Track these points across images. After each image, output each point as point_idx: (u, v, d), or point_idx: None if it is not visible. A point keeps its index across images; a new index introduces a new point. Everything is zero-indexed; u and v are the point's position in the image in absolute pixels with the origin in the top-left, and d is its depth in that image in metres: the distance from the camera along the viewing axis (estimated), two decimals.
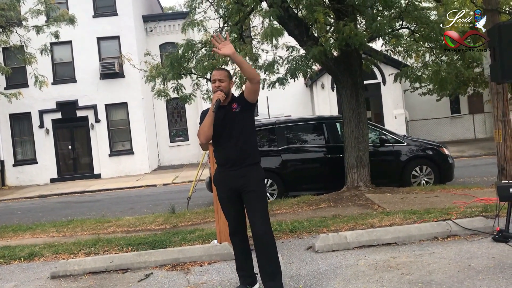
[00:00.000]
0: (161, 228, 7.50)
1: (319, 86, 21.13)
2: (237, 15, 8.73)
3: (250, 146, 3.99)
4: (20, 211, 13.28)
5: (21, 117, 21.53)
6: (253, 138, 4.07)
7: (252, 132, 4.05)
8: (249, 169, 3.93)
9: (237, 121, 3.94)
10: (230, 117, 3.94)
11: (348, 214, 6.98)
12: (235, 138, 3.93)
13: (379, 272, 4.38)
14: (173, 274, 4.91)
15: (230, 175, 3.95)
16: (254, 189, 3.91)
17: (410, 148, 9.94)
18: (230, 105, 3.97)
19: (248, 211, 3.93)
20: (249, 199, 3.90)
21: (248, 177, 3.91)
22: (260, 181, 4.00)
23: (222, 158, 4.03)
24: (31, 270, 5.54)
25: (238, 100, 3.99)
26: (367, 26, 8.65)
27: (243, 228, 4.10)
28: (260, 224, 3.85)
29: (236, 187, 3.93)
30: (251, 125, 4.05)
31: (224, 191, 4.04)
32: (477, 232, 5.28)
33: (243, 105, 3.95)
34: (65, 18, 13.97)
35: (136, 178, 19.94)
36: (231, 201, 4.00)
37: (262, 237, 3.85)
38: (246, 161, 3.93)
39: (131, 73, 20.20)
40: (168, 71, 9.13)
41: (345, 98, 9.12)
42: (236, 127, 3.94)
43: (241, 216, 4.05)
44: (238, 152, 3.91)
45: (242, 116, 3.95)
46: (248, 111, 3.99)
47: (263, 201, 3.93)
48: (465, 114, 22.98)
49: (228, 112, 3.94)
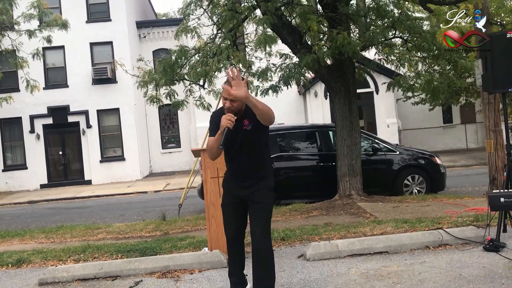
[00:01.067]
0: (151, 235, 7.44)
1: (312, 94, 21.19)
2: (231, 22, 8.73)
3: (262, 160, 3.85)
4: (8, 217, 13.12)
5: (12, 122, 21.34)
6: (265, 153, 3.88)
7: (264, 147, 3.84)
8: (258, 181, 3.82)
9: (248, 139, 3.72)
10: (241, 134, 3.68)
11: (340, 222, 6.96)
12: (246, 154, 3.76)
13: (371, 281, 4.35)
14: (163, 281, 4.85)
15: (238, 185, 3.86)
16: (260, 200, 3.79)
17: (402, 157, 9.96)
18: (241, 120, 3.65)
19: (251, 221, 3.82)
20: (253, 210, 3.80)
21: (257, 187, 3.80)
22: (268, 192, 3.84)
23: (232, 169, 3.92)
24: (19, 277, 5.46)
25: (250, 116, 3.63)
26: (360, 35, 8.69)
27: (242, 235, 4.03)
28: (261, 236, 3.74)
29: (242, 196, 3.84)
30: (264, 140, 3.84)
31: (229, 197, 3.94)
32: (468, 241, 5.28)
33: (255, 123, 3.62)
34: (58, 23, 13.94)
35: (127, 184, 19.81)
36: (234, 208, 3.90)
37: (262, 249, 3.75)
38: (256, 174, 3.83)
39: (124, 78, 20.11)
40: (160, 77, 9.10)
41: (338, 106, 9.14)
42: (246, 144, 3.73)
43: (242, 225, 3.96)
44: (248, 167, 3.80)
45: (254, 133, 3.70)
46: (262, 130, 3.71)
47: (267, 213, 3.82)
48: (457, 124, 23.13)
49: (239, 129, 3.64)
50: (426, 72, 9.99)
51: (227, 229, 3.99)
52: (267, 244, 3.79)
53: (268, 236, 3.83)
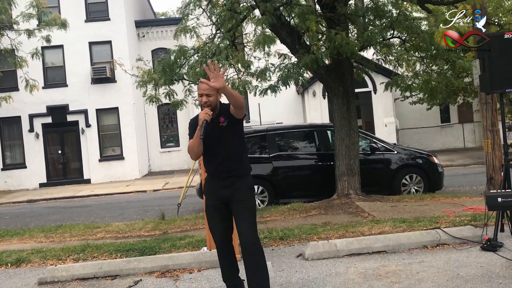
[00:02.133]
0: (150, 234, 7.46)
1: (311, 93, 21.22)
2: (229, 22, 8.76)
3: (240, 158, 3.96)
4: (8, 216, 13.13)
5: (11, 121, 21.35)
6: (242, 149, 4.01)
7: (241, 143, 4.00)
8: (238, 179, 3.91)
9: (225, 136, 3.88)
10: (218, 132, 3.86)
11: (338, 222, 6.99)
12: (224, 151, 3.89)
13: (369, 280, 4.39)
14: (162, 281, 4.88)
15: (219, 185, 3.93)
16: (242, 198, 3.88)
17: (400, 157, 10.00)
18: (218, 118, 3.86)
19: (236, 221, 3.90)
20: (237, 208, 3.87)
21: (237, 187, 3.89)
22: (248, 190, 3.96)
23: (211, 169, 4.01)
24: (18, 276, 5.48)
25: (225, 113, 3.88)
26: (359, 35, 8.72)
27: (229, 238, 4.07)
28: (248, 234, 3.81)
29: (224, 197, 3.91)
30: (240, 136, 3.99)
31: (212, 200, 4.02)
32: (466, 241, 5.32)
33: (230, 119, 3.86)
34: (57, 22, 13.93)
35: (126, 183, 19.83)
36: (218, 211, 3.97)
37: (250, 246, 3.82)
38: (235, 172, 3.91)
39: (123, 78, 20.13)
40: (160, 77, 9.13)
41: (336, 106, 9.16)
42: (224, 141, 3.88)
43: (228, 227, 4.02)
44: (227, 164, 3.89)
45: (230, 129, 3.89)
46: (236, 124, 3.91)
47: (251, 211, 3.90)
48: (455, 124, 23.18)
49: (216, 127, 3.85)
50: (424, 72, 10.02)
51: (214, 233, 4.04)
52: (255, 240, 3.85)
53: (255, 232, 3.90)
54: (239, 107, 3.75)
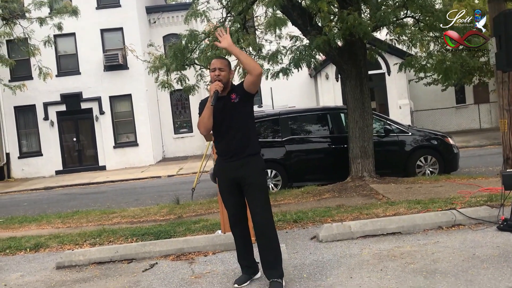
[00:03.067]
0: (165, 218, 7.53)
1: (323, 76, 21.05)
2: (240, 5, 8.69)
3: (250, 136, 3.97)
4: (25, 203, 13.36)
5: (26, 109, 21.57)
6: (252, 128, 4.03)
7: (251, 122, 4.02)
8: (249, 159, 3.92)
9: (236, 112, 3.90)
10: (229, 108, 3.90)
11: (352, 204, 6.98)
12: (235, 128, 3.90)
13: (383, 261, 4.38)
14: (177, 264, 4.93)
15: (230, 165, 3.94)
16: (254, 180, 3.89)
17: (414, 138, 9.90)
18: (229, 95, 3.92)
19: (249, 202, 3.93)
20: (249, 190, 3.89)
21: (248, 167, 3.90)
22: (260, 171, 3.98)
23: (222, 149, 4.02)
24: (37, 261, 5.58)
25: (237, 90, 3.93)
26: (371, 15, 8.58)
27: (244, 219, 4.10)
28: (261, 214, 3.84)
29: (236, 178, 3.92)
30: (251, 114, 4.02)
31: (224, 181, 4.04)
32: (482, 221, 5.27)
33: (242, 95, 3.90)
34: (68, 10, 13.93)
35: (141, 169, 19.99)
36: (231, 192, 4.00)
37: (263, 226, 3.85)
38: (245, 151, 3.91)
39: (135, 65, 20.19)
40: (171, 62, 9.12)
41: (350, 88, 9.08)
42: (235, 117, 3.90)
43: (241, 207, 4.04)
44: (237, 142, 3.90)
45: (241, 106, 3.91)
46: (247, 101, 3.95)
47: (263, 192, 3.92)
48: (470, 104, 22.85)
49: (227, 103, 3.90)
50: (438, 52, 9.86)
51: (228, 214, 4.09)
52: (268, 221, 3.88)
53: (269, 212, 3.92)
54: (253, 71, 3.74)
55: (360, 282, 3.93)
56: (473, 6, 7.33)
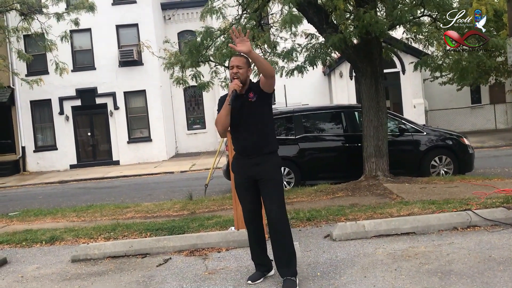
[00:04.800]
0: (179, 214, 7.56)
1: (337, 74, 20.97)
2: (256, 2, 8.68)
3: (268, 135, 3.97)
4: (41, 196, 13.52)
5: (42, 103, 21.81)
6: (270, 126, 4.03)
7: (269, 120, 4.02)
8: (266, 157, 3.93)
9: (254, 111, 3.91)
10: (247, 107, 3.90)
11: (366, 203, 6.95)
12: (252, 127, 3.91)
13: (398, 261, 4.36)
14: (191, 259, 4.96)
15: (247, 163, 3.95)
16: (271, 177, 3.90)
17: (429, 138, 9.82)
18: (247, 94, 3.92)
19: (264, 199, 3.93)
20: (265, 187, 3.90)
21: (265, 165, 3.90)
22: (276, 169, 3.99)
23: (239, 147, 4.03)
24: (53, 253, 5.65)
25: (254, 89, 3.92)
26: (388, 13, 8.52)
27: (259, 216, 4.10)
28: (276, 212, 3.85)
29: (252, 175, 3.93)
30: (269, 113, 4.02)
31: (240, 178, 4.06)
32: (498, 223, 5.21)
33: (259, 94, 3.90)
34: (84, 6, 14.06)
35: (154, 165, 20.11)
36: (247, 189, 4.01)
37: (277, 224, 3.86)
38: (263, 150, 3.92)
39: (150, 61, 20.30)
40: (186, 59, 9.14)
41: (364, 86, 9.03)
42: (253, 116, 3.91)
43: (257, 204, 4.05)
44: (255, 141, 3.90)
45: (259, 105, 3.92)
46: (265, 99, 3.94)
47: (279, 189, 3.93)
48: (486, 104, 22.59)
49: (245, 102, 3.90)
50: (454, 51, 9.76)
51: (243, 211, 4.11)
52: (282, 218, 3.88)
53: (283, 211, 3.92)
54: (268, 75, 3.77)
55: (374, 282, 3.92)
56: (493, 5, 7.23)
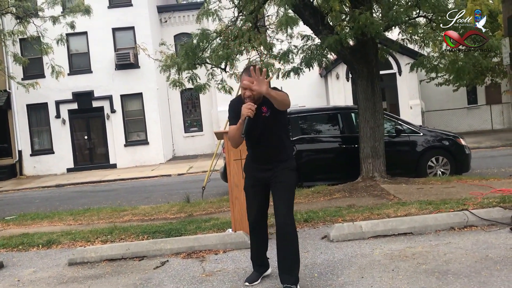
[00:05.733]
0: (176, 217, 7.55)
1: (334, 76, 21.00)
2: (252, 4, 8.69)
3: (282, 145, 3.88)
4: (37, 200, 13.48)
5: (38, 107, 21.77)
6: (285, 138, 3.94)
7: (284, 133, 3.92)
8: (280, 163, 3.87)
9: (268, 125, 3.79)
10: (261, 121, 3.76)
11: (363, 204, 6.95)
12: (266, 140, 3.82)
13: (395, 262, 4.36)
14: (188, 262, 4.95)
15: (260, 168, 3.90)
16: (283, 179, 3.82)
17: (426, 139, 9.84)
18: (260, 107, 3.75)
19: (275, 201, 3.85)
20: (276, 189, 3.82)
21: (279, 168, 3.84)
22: (290, 171, 3.88)
23: (253, 155, 3.97)
24: (49, 257, 5.63)
25: (268, 103, 3.71)
26: (384, 14, 8.55)
27: (264, 218, 4.06)
28: (285, 216, 3.76)
29: (264, 178, 3.88)
30: (283, 125, 3.92)
31: (251, 179, 3.98)
32: (495, 222, 5.22)
33: (273, 109, 3.72)
34: (80, 9, 14.04)
35: (151, 168, 20.08)
36: (257, 190, 3.94)
37: (286, 229, 3.76)
38: (277, 158, 3.87)
39: (146, 63, 20.29)
40: (183, 61, 9.14)
41: (361, 88, 9.05)
42: (266, 130, 3.80)
43: (264, 206, 4.00)
44: (269, 153, 3.86)
45: (273, 119, 3.79)
46: (280, 114, 3.79)
47: (290, 193, 3.84)
48: (482, 105, 22.66)
49: (259, 116, 3.73)
50: (450, 52, 9.78)
51: (250, 212, 4.03)
52: (292, 224, 3.80)
53: (292, 216, 3.85)
54: (283, 107, 3.70)
55: (371, 282, 3.92)
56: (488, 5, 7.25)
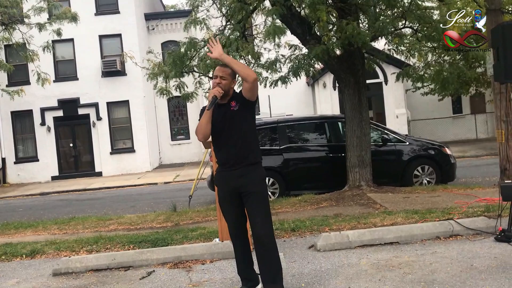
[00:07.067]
0: (162, 226, 7.50)
1: (321, 85, 21.12)
2: (240, 13, 8.72)
3: (251, 145, 3.90)
4: (21, 209, 13.29)
5: (23, 114, 21.53)
6: (253, 136, 3.96)
7: (252, 130, 3.95)
8: (250, 169, 3.84)
9: (236, 120, 3.83)
10: (229, 116, 3.83)
11: (350, 213, 6.97)
12: (235, 137, 3.83)
13: (381, 271, 4.37)
14: (175, 272, 4.91)
15: (230, 174, 3.86)
16: (255, 190, 3.82)
17: (412, 148, 9.93)
18: (229, 103, 3.86)
19: (249, 213, 3.84)
20: (249, 200, 3.81)
21: (249, 177, 3.82)
22: (260, 181, 3.91)
23: (222, 158, 3.95)
24: (33, 267, 5.54)
25: (237, 98, 3.87)
26: (370, 25, 8.64)
27: (244, 229, 4.02)
28: (261, 227, 3.76)
29: (236, 187, 3.84)
30: (252, 123, 3.95)
31: (224, 191, 3.95)
32: (480, 232, 5.28)
33: (241, 102, 3.84)
34: (67, 16, 13.93)
35: (137, 176, 19.94)
36: (231, 202, 3.91)
37: (262, 239, 3.77)
38: (246, 160, 3.84)
39: (133, 71, 20.19)
40: (170, 69, 9.13)
41: (347, 97, 9.11)
42: (235, 125, 3.83)
43: (242, 217, 3.95)
44: (238, 151, 3.83)
45: (241, 114, 3.85)
46: (248, 108, 3.87)
47: (264, 203, 3.84)
48: (467, 114, 22.95)
49: (227, 111, 3.84)
50: (436, 62, 9.92)
51: (228, 224, 4.01)
52: (268, 232, 3.80)
53: (269, 225, 3.84)
54: (248, 78, 3.69)
55: None
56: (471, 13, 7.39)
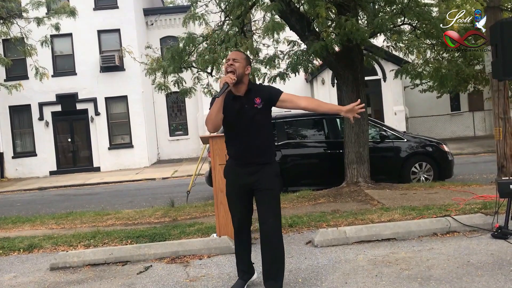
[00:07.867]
0: (160, 221, 7.51)
1: (320, 81, 21.12)
2: (238, 9, 8.70)
3: (266, 145, 3.77)
4: (19, 203, 13.29)
5: (21, 109, 21.50)
6: (270, 136, 3.85)
7: (269, 130, 3.83)
8: (263, 166, 3.73)
9: (257, 118, 3.68)
10: (250, 112, 3.66)
11: (348, 209, 6.99)
12: (252, 135, 3.68)
13: (378, 267, 4.39)
14: (172, 267, 4.92)
15: (244, 171, 3.74)
16: (268, 187, 3.71)
17: (410, 145, 9.94)
18: (253, 98, 3.68)
19: (260, 210, 3.75)
20: (261, 197, 3.72)
21: (261, 174, 3.71)
22: (273, 178, 3.76)
23: (236, 153, 3.79)
24: (31, 262, 5.55)
25: (262, 95, 3.70)
26: (369, 21, 8.62)
27: (248, 224, 3.97)
28: (271, 223, 3.69)
29: (247, 183, 3.75)
30: (269, 123, 3.85)
31: (234, 185, 3.83)
32: (476, 228, 5.30)
33: (266, 102, 3.69)
34: (66, 10, 13.89)
35: (135, 171, 19.94)
36: (239, 196, 3.82)
37: (272, 237, 3.70)
38: (260, 159, 3.73)
39: (131, 66, 20.18)
40: (169, 65, 9.10)
41: (346, 93, 9.11)
42: (254, 124, 3.68)
43: (248, 212, 3.90)
44: (255, 149, 3.70)
45: (264, 112, 3.72)
46: (269, 107, 3.75)
47: (276, 200, 3.76)
48: (465, 112, 23.00)
49: (250, 107, 3.67)
50: (434, 59, 9.91)
51: (234, 218, 3.94)
52: (278, 232, 3.74)
53: (279, 224, 3.78)
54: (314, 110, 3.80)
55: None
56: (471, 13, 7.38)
